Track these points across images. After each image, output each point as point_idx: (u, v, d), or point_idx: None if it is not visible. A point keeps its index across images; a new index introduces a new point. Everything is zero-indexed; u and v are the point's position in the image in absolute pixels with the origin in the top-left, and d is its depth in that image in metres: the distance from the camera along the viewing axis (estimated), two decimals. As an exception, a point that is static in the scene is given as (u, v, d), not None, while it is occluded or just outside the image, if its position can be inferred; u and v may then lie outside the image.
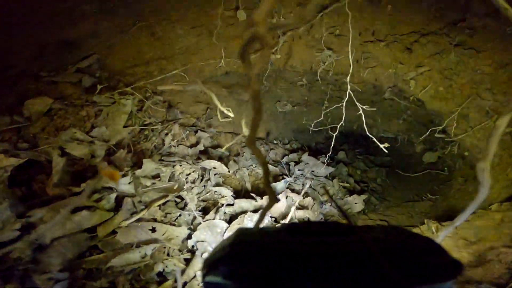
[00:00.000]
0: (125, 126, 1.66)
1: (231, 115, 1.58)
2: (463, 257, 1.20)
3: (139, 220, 1.38)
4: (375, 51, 1.90)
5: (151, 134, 1.75)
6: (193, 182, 1.63)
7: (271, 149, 2.71)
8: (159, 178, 1.51)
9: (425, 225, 1.63)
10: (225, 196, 1.66)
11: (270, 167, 2.38)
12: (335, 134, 1.81)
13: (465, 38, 1.54)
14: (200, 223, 1.42)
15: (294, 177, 2.28)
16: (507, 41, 1.53)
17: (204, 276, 0.31)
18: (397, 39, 1.74)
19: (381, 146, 1.57)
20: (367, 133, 1.63)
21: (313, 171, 2.53)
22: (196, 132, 2.05)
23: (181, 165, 1.66)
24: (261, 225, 0.66)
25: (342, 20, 1.90)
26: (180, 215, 1.45)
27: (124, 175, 1.42)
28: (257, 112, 0.43)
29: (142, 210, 1.41)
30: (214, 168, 1.82)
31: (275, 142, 2.86)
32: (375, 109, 1.88)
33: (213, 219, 1.46)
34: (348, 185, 2.73)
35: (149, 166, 1.50)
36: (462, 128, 1.70)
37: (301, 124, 3.11)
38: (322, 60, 2.21)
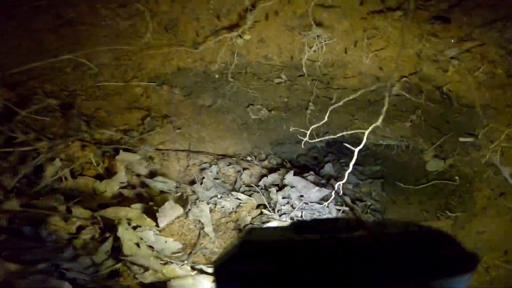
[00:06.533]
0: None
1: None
2: None
3: None
4: (385, 25, 1.33)
5: (15, 160, 1.01)
6: (78, 247, 0.90)
7: (244, 169, 2.04)
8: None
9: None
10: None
11: (244, 197, 1.70)
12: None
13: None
14: None
15: (277, 211, 1.62)
16: None
17: (215, 275, 0.30)
18: (422, 5, 1.17)
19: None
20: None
21: (301, 195, 1.90)
22: (116, 152, 1.31)
23: (64, 216, 0.93)
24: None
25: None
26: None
27: None
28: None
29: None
30: (129, 220, 1.09)
31: (249, 159, 2.19)
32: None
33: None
34: (346, 208, 2.13)
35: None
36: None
37: (281, 133, 2.49)
38: (307, 44, 1.61)
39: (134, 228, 1.07)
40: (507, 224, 1.71)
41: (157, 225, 1.17)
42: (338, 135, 1.51)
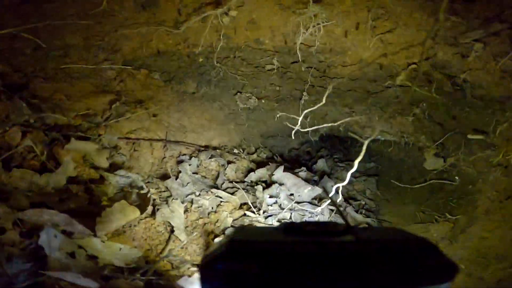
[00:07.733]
0: None
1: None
2: None
3: None
4: (394, 4, 1.14)
5: None
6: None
7: (229, 162, 1.86)
8: None
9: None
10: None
11: (225, 195, 1.52)
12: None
13: None
14: None
15: (263, 212, 1.45)
16: None
17: (200, 272, 0.30)
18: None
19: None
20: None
21: (291, 194, 1.73)
22: (67, 140, 1.10)
23: None
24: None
25: None
26: None
27: None
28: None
29: None
30: (57, 225, 0.88)
31: (236, 151, 2.01)
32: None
33: None
34: (340, 208, 1.97)
35: None
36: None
37: (272, 125, 2.30)
38: (303, 25, 1.41)
39: (71, 233, 0.87)
40: (513, 231, 1.57)
41: (95, 234, 0.96)
42: (338, 122, 1.33)
